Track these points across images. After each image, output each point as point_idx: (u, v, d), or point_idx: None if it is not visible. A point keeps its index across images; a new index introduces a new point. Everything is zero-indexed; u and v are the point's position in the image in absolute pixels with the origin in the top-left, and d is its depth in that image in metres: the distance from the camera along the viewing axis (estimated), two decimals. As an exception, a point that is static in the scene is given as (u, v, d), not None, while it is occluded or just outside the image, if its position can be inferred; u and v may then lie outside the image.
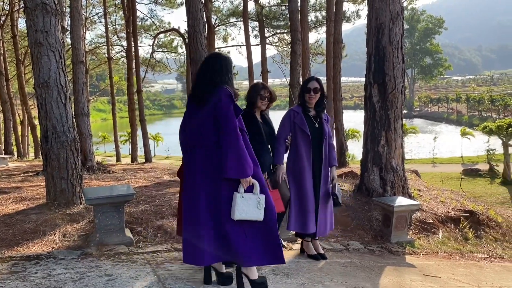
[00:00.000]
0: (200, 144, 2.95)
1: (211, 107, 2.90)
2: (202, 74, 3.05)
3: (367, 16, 6.39)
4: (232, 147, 2.82)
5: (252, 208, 2.88)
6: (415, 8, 67.53)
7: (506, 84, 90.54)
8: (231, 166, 2.82)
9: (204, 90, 2.97)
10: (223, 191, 2.90)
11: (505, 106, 41.54)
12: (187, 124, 3.08)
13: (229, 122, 2.84)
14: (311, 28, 20.96)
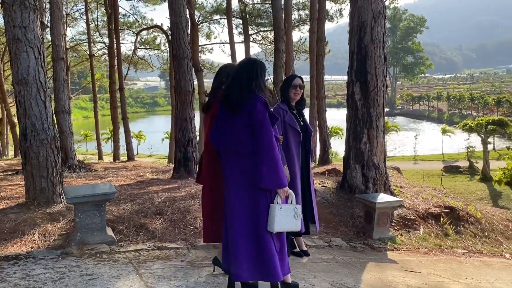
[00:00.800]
0: (235, 151, 2.89)
1: (245, 115, 2.83)
2: (238, 80, 2.94)
3: (350, 14, 6.43)
4: (269, 157, 2.76)
5: (290, 219, 2.83)
6: (397, 7, 68.34)
7: (485, 83, 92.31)
8: (268, 176, 2.75)
9: (239, 97, 2.88)
10: (261, 202, 2.82)
11: (484, 104, 42.34)
12: (220, 130, 2.99)
13: (264, 131, 2.78)
14: (295, 27, 21.01)
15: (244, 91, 2.87)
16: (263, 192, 2.81)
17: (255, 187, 2.80)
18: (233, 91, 2.91)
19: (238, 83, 2.92)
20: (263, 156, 2.76)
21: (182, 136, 8.09)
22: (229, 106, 2.92)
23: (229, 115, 2.92)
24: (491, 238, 6.67)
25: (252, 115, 2.80)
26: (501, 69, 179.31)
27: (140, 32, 24.32)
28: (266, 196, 2.82)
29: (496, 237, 6.84)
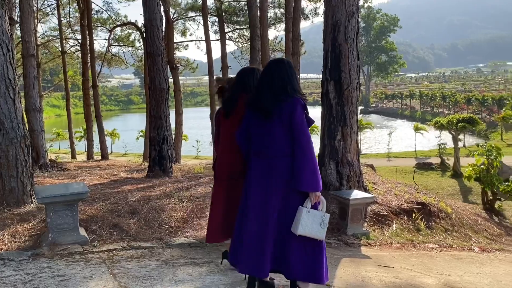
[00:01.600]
0: (272, 154, 2.86)
1: (284, 118, 2.81)
2: (270, 84, 2.89)
3: (324, 13, 6.50)
4: (308, 160, 2.76)
5: (315, 226, 2.79)
6: (371, 7, 69.35)
7: (456, 81, 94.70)
8: (306, 179, 2.76)
9: (274, 102, 2.84)
10: (293, 204, 2.82)
11: (455, 102, 43.41)
12: (253, 132, 2.97)
13: (304, 135, 2.79)
14: (270, 25, 21.06)
15: (281, 96, 2.84)
16: (297, 195, 2.82)
17: (288, 189, 2.82)
18: (267, 96, 2.87)
19: (271, 87, 2.88)
20: (304, 160, 2.76)
21: (157, 134, 8.01)
22: (262, 111, 2.87)
23: (261, 118, 2.90)
24: (461, 233, 6.87)
25: (293, 119, 2.79)
26: (471, 68, 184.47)
27: (114, 29, 23.92)
28: (299, 198, 2.82)
29: (466, 231, 7.05)
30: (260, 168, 2.90)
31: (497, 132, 28.01)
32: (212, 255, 4.08)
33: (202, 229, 4.91)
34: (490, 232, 7.69)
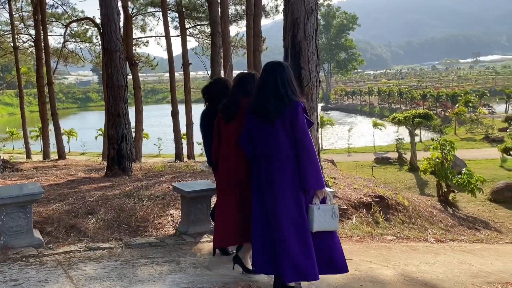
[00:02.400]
0: (276, 156, 2.93)
1: (286, 121, 2.90)
2: (272, 87, 2.95)
3: (283, 10, 6.52)
4: (311, 160, 2.88)
5: (328, 219, 2.93)
6: (330, 5, 70.48)
7: (412, 78, 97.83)
8: (311, 178, 2.88)
9: (277, 106, 2.91)
10: (303, 202, 2.93)
11: (411, 99, 44.87)
12: (257, 136, 3.03)
13: (306, 137, 2.89)
14: (232, 21, 20.99)
15: (283, 99, 2.91)
16: (304, 193, 2.94)
17: (296, 188, 2.92)
18: (269, 100, 2.93)
19: (273, 90, 2.94)
20: (308, 160, 2.88)
21: (115, 132, 7.81)
22: (265, 114, 2.94)
23: (263, 122, 2.97)
24: (417, 224, 7.13)
25: (295, 122, 2.88)
26: (427, 66, 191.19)
27: (69, 24, 23.09)
28: (306, 196, 2.95)
29: (422, 223, 7.32)
30: (264, 171, 2.98)
31: (451, 127, 29.16)
32: (173, 254, 4.03)
33: (163, 228, 4.85)
34: (444, 223, 8.03)
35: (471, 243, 6.75)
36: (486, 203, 11.62)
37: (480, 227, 8.62)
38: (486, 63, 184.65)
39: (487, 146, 20.98)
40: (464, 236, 7.45)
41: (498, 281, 4.27)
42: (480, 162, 16.83)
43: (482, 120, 28.45)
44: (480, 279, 4.28)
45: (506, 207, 11.30)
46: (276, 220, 2.93)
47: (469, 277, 4.35)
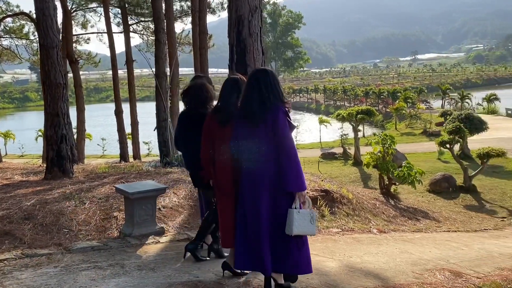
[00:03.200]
0: (258, 159, 3.02)
1: (269, 126, 2.99)
2: (257, 92, 3.06)
3: (228, 7, 6.50)
4: (292, 163, 2.96)
5: (307, 223, 3.01)
6: (276, 3, 71.33)
7: (355, 76, 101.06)
8: (292, 180, 2.97)
9: (262, 110, 3.02)
10: (284, 206, 3.03)
11: (355, 96, 46.26)
12: (242, 139, 3.12)
13: (287, 140, 3.00)
14: (177, 18, 20.66)
15: (266, 104, 3.02)
16: (285, 196, 3.02)
17: (277, 191, 3.02)
18: (254, 104, 3.05)
19: (257, 96, 3.06)
20: (289, 163, 2.97)
21: (54, 133, 7.44)
22: (250, 119, 3.05)
23: (248, 126, 3.08)
24: (361, 216, 7.36)
25: (276, 126, 2.98)
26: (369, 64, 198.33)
27: (3, 19, 21.69)
28: (287, 199, 3.03)
29: (366, 215, 7.57)
30: (250, 174, 3.08)
31: (392, 122, 30.40)
32: (117, 257, 3.91)
33: (106, 231, 4.69)
34: (387, 214, 8.35)
35: (411, 233, 7.08)
36: (425, 194, 12.20)
37: (419, 217, 9.03)
38: (423, 61, 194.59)
39: (426, 140, 22.08)
40: (405, 226, 7.79)
41: (435, 268, 4.50)
42: (419, 155, 17.67)
43: (420, 115, 29.90)
44: (420, 267, 4.50)
45: (443, 197, 11.92)
46: (254, 219, 3.04)
47: (410, 265, 4.55)
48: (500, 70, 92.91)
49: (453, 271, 4.45)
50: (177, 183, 6.39)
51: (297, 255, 3.08)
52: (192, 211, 5.58)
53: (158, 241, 4.52)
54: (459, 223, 9.06)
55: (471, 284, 4.09)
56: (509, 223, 9.44)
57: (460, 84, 66.91)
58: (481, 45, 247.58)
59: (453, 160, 13.81)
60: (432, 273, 4.31)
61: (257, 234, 3.04)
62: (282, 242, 3.04)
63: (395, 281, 3.92)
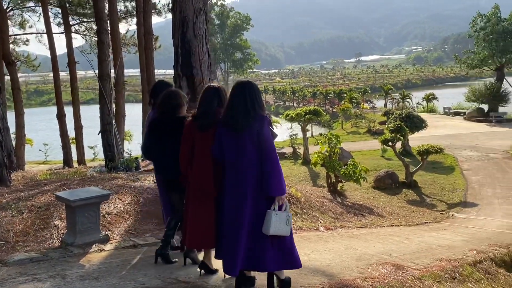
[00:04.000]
0: (242, 164, 3.21)
1: (253, 134, 3.18)
2: (242, 102, 3.24)
3: (172, 9, 6.43)
4: (274, 169, 3.16)
5: (283, 225, 3.20)
6: (224, 5, 71.19)
7: (304, 77, 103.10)
8: (274, 185, 3.16)
9: (246, 119, 3.20)
10: (263, 208, 3.21)
11: (303, 96, 47.16)
12: (226, 146, 3.28)
13: (270, 148, 3.18)
14: (121, 18, 20.13)
15: (251, 113, 3.21)
16: (265, 199, 3.21)
17: (259, 194, 3.21)
18: (239, 113, 3.22)
19: (242, 105, 3.23)
20: (272, 169, 3.16)
21: (-11, 139, 7.02)
22: (235, 126, 3.22)
23: (232, 133, 3.24)
24: (309, 215, 7.51)
25: (261, 134, 3.18)
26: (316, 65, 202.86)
27: None
28: (267, 201, 3.22)
29: (314, 213, 7.73)
30: (232, 178, 3.25)
31: (338, 122, 31.26)
32: (58, 268, 3.75)
33: (46, 241, 4.47)
34: (334, 211, 8.57)
35: (357, 229, 7.32)
36: (370, 191, 12.65)
37: (365, 213, 9.36)
38: (367, 62, 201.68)
39: (370, 138, 22.91)
40: (351, 223, 8.03)
41: (379, 262, 4.67)
42: (364, 153, 18.31)
43: (365, 115, 30.98)
44: (364, 262, 4.65)
45: (387, 193, 12.43)
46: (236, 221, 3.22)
47: (355, 260, 4.70)
48: (437, 71, 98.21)
49: (395, 264, 4.65)
50: (123, 188, 6.22)
51: (271, 254, 3.26)
52: (138, 217, 5.46)
53: (103, 249, 4.38)
54: (402, 217, 9.47)
55: (411, 276, 4.28)
56: (447, 216, 9.99)
57: (401, 84, 70.05)
58: (420, 47, 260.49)
59: (395, 157, 14.42)
60: (376, 267, 4.48)
61: (236, 235, 3.21)
62: (259, 242, 3.23)
63: (341, 277, 4.03)
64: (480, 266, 5.11)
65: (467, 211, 10.39)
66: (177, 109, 3.91)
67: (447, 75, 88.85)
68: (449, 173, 14.38)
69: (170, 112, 3.91)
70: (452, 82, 78.36)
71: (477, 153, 16.89)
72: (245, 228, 3.20)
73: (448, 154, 16.21)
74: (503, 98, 27.75)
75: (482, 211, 10.22)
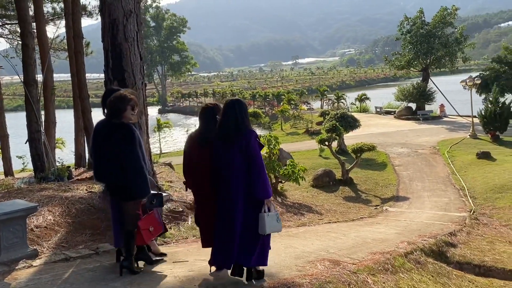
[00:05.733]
0: (233, 173, 3.73)
1: (243, 146, 3.71)
2: (233, 118, 3.78)
3: (100, 11, 6.19)
4: (261, 176, 3.71)
5: (275, 223, 3.73)
6: (159, 7, 69.93)
7: (243, 80, 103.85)
8: (260, 190, 3.70)
9: (237, 133, 3.74)
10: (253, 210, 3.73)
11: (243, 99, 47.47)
12: (221, 157, 3.82)
13: (258, 158, 3.72)
14: (49, 21, 19.10)
15: (240, 129, 3.75)
16: (254, 202, 3.73)
17: (249, 197, 3.72)
18: (231, 130, 3.76)
19: (233, 122, 3.76)
20: (258, 175, 3.69)
21: None
22: (227, 140, 3.77)
23: (225, 146, 3.79)
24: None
25: (249, 147, 3.70)
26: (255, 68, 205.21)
27: None
28: (254, 205, 3.74)
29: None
30: (225, 184, 3.78)
31: (278, 123, 31.74)
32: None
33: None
34: (274, 212, 8.66)
35: (296, 227, 7.47)
36: (310, 189, 12.96)
37: (304, 212, 9.58)
38: (304, 65, 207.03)
39: (308, 139, 23.47)
40: (291, 222, 8.19)
41: (316, 259, 4.79)
42: (303, 153, 18.73)
43: (303, 116, 31.75)
44: (302, 260, 4.75)
45: (325, 191, 12.79)
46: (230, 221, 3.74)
47: (293, 259, 4.78)
48: (369, 72, 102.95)
49: (332, 260, 4.79)
50: (53, 199, 5.90)
51: (260, 251, 3.79)
52: (70, 229, 5.21)
53: (31, 265, 4.13)
54: (339, 214, 9.81)
55: (347, 271, 4.44)
56: (381, 210, 10.48)
57: (336, 85, 72.63)
58: (353, 50, 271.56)
59: (332, 156, 14.90)
60: (314, 264, 4.59)
61: (232, 234, 3.73)
62: (251, 240, 3.74)
63: (280, 276, 4.08)
64: (411, 257, 5.41)
65: (399, 205, 10.96)
66: (117, 114, 3.86)
67: (378, 76, 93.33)
68: (382, 169, 15.09)
69: (109, 117, 3.92)
70: (383, 82, 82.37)
71: (407, 149, 17.88)
72: (238, 228, 3.73)
73: (381, 151, 17.02)
74: (429, 97, 29.61)
75: (413, 204, 10.83)
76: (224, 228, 3.77)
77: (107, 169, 3.86)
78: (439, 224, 7.95)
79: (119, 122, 3.83)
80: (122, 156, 3.76)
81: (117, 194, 3.96)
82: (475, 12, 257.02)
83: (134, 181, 3.81)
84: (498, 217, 9.08)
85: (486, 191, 11.22)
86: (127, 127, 3.83)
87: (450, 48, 29.34)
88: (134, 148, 3.78)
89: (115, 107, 3.87)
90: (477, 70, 44.97)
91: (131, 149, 3.77)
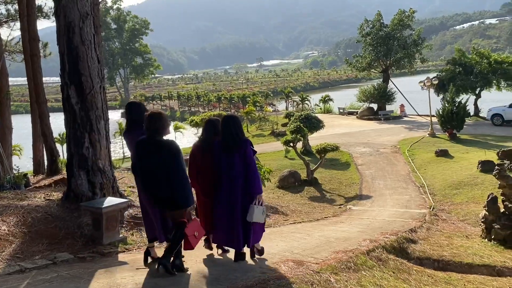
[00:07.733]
0: (234, 175, 4.66)
1: (241, 154, 4.65)
2: (233, 130, 4.69)
3: (55, 13, 6.00)
4: (255, 176, 4.69)
5: (260, 215, 4.67)
6: (121, 8, 68.60)
7: (208, 82, 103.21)
8: (254, 187, 4.67)
9: (235, 143, 4.65)
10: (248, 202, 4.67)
11: (208, 101, 47.16)
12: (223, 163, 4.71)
13: (252, 162, 4.70)
14: (3, 23, 18.37)
15: (236, 140, 4.66)
16: (249, 196, 4.66)
17: (245, 193, 4.66)
18: (229, 141, 4.67)
19: (234, 132, 4.67)
20: (253, 176, 4.67)
21: None
22: (229, 151, 4.68)
23: (226, 153, 4.70)
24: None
25: (246, 154, 4.65)
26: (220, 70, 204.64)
27: None
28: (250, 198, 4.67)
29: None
30: (227, 183, 4.70)
31: (244, 125, 31.82)
32: None
33: None
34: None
35: (261, 229, 7.45)
36: (276, 190, 13.04)
37: (269, 213, 9.58)
38: (268, 67, 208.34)
39: (274, 140, 23.62)
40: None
41: (280, 260, 4.82)
42: (269, 155, 18.83)
43: (268, 117, 31.93)
44: (267, 261, 4.76)
45: (291, 192, 12.90)
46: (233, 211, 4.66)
47: (258, 261, 4.78)
48: (332, 74, 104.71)
49: (295, 260, 4.82)
50: (7, 209, 5.65)
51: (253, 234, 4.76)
52: (26, 239, 5.00)
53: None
54: (304, 214, 9.89)
55: (311, 271, 4.48)
56: (345, 209, 10.65)
57: (300, 87, 73.43)
58: (316, 52, 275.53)
59: (297, 157, 15.03)
60: (278, 265, 4.60)
61: (236, 221, 4.64)
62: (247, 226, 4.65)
63: (243, 278, 4.07)
64: (373, 254, 5.52)
65: (362, 203, 11.19)
66: (160, 132, 4.23)
67: (341, 77, 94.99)
68: (345, 169, 15.37)
69: (154, 134, 4.22)
70: (345, 84, 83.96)
71: (369, 149, 18.29)
72: (239, 215, 4.63)
73: (344, 151, 17.34)
74: (389, 97, 30.42)
75: (375, 202, 11.08)
76: (228, 215, 4.67)
77: (155, 182, 4.21)
78: (400, 221, 8.17)
79: (165, 140, 4.25)
80: (170, 169, 4.12)
81: (162, 203, 4.27)
82: (432, 15, 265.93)
83: (181, 191, 4.16)
84: (456, 213, 9.42)
85: (445, 188, 11.63)
86: (174, 143, 4.31)
87: (409, 50, 30.22)
88: (182, 161, 4.20)
89: (157, 125, 4.21)
90: (435, 71, 46.49)
91: (178, 162, 4.15)
